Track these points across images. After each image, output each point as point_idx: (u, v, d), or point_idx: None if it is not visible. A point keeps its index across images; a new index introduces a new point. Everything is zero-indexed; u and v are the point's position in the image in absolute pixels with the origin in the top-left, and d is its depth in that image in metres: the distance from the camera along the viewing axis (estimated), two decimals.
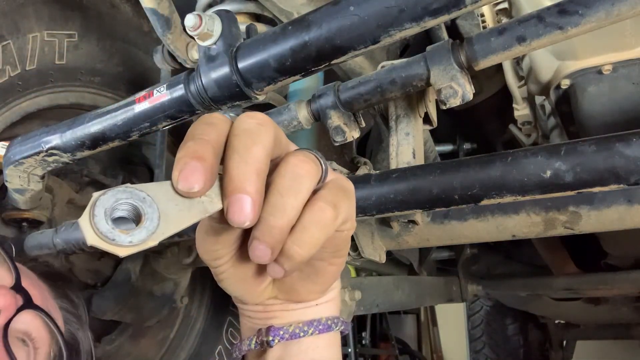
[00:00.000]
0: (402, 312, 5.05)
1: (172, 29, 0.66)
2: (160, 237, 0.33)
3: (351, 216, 0.44)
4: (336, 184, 0.43)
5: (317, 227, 0.39)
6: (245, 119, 0.39)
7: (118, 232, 0.32)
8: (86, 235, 0.31)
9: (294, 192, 0.38)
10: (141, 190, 0.34)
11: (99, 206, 0.32)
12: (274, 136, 0.39)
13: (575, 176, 0.54)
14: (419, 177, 0.62)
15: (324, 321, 0.50)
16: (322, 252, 0.45)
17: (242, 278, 0.48)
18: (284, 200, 0.38)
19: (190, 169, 0.35)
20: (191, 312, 1.62)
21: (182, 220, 0.35)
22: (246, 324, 0.54)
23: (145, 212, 0.33)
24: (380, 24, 0.53)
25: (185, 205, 0.35)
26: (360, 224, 0.83)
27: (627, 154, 0.52)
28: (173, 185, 0.35)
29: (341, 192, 0.42)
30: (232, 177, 0.36)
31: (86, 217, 0.32)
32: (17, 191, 0.97)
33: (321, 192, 0.41)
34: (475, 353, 3.42)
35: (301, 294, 0.50)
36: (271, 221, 0.38)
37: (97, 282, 1.42)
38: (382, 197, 0.63)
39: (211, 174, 0.36)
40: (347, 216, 0.42)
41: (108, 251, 0.31)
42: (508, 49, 0.67)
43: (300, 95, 1.12)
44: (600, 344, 3.89)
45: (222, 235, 0.43)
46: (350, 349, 3.71)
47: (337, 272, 0.49)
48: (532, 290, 2.26)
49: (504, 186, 0.57)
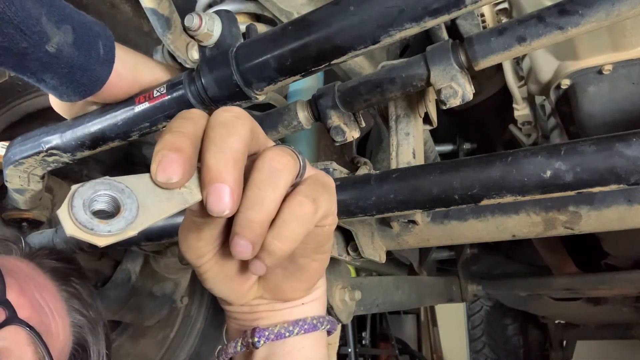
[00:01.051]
0: (402, 312, 5.05)
1: (172, 29, 0.66)
2: (139, 227, 0.33)
3: (332, 211, 0.44)
4: (315, 179, 0.43)
5: (296, 221, 0.39)
6: (222, 112, 0.40)
7: (97, 222, 0.32)
8: (65, 225, 0.32)
9: (271, 186, 0.39)
10: (120, 182, 0.34)
11: (77, 197, 0.32)
12: (250, 129, 0.40)
13: (575, 176, 0.54)
14: (419, 177, 0.62)
15: (310, 320, 0.50)
16: (304, 248, 0.45)
17: (226, 277, 0.47)
18: (262, 194, 0.38)
19: (169, 160, 0.35)
20: (191, 312, 1.62)
21: (162, 211, 0.35)
22: (233, 326, 0.54)
23: (124, 203, 0.34)
24: (380, 24, 0.53)
25: (164, 197, 0.36)
26: (360, 224, 0.83)
27: (627, 154, 0.52)
28: (152, 177, 0.35)
29: (320, 187, 0.42)
30: (209, 167, 0.37)
31: (65, 207, 0.32)
32: (17, 191, 0.97)
33: (300, 187, 0.41)
34: (475, 353, 3.42)
35: (287, 292, 0.50)
36: (250, 215, 0.38)
37: (97, 282, 1.42)
38: (382, 197, 0.63)
39: (189, 165, 0.36)
40: (327, 211, 0.42)
41: (87, 241, 0.32)
42: (508, 49, 0.67)
43: (300, 95, 1.12)
44: (600, 344, 3.89)
45: (204, 231, 0.43)
46: (350, 349, 3.71)
47: (321, 269, 0.49)
48: (532, 290, 2.26)
49: (504, 186, 0.57)
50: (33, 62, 0.57)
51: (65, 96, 0.64)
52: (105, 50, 0.62)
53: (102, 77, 0.63)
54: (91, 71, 0.61)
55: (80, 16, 0.60)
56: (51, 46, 0.56)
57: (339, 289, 0.92)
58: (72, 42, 0.58)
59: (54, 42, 0.56)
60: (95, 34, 0.60)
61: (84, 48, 0.59)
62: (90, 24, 0.61)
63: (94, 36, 0.60)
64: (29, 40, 0.54)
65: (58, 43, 0.56)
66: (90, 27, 0.60)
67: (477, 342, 3.41)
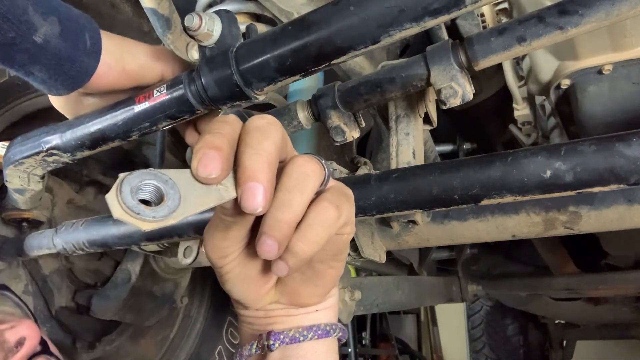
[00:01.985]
0: (402, 312, 5.05)
1: (172, 29, 0.66)
2: (180, 217, 0.36)
3: (351, 220, 0.46)
4: (338, 188, 0.46)
5: (321, 225, 0.42)
6: (257, 119, 0.43)
7: (143, 207, 0.34)
8: (113, 209, 0.34)
9: (300, 190, 0.41)
10: (164, 174, 0.37)
11: (125, 184, 0.35)
12: (282, 135, 0.43)
13: (575, 176, 0.54)
14: (419, 177, 0.62)
15: (323, 327, 0.52)
16: (323, 254, 0.47)
17: (247, 279, 0.49)
18: (291, 197, 0.41)
19: (209, 157, 0.38)
20: (191, 312, 1.62)
21: (200, 204, 0.38)
22: (247, 330, 0.55)
23: (167, 192, 0.36)
24: (380, 24, 0.53)
25: (203, 191, 0.39)
26: (360, 224, 0.83)
27: (627, 154, 0.52)
28: (192, 172, 0.38)
29: (343, 196, 0.45)
30: (245, 167, 0.39)
31: (113, 192, 0.34)
32: (17, 191, 0.97)
33: (324, 194, 0.44)
34: (475, 353, 3.42)
35: (303, 297, 0.52)
36: (279, 215, 0.40)
37: (97, 282, 1.42)
38: (382, 197, 0.63)
39: (227, 163, 0.39)
40: (347, 219, 0.45)
41: (132, 224, 0.34)
42: (508, 49, 0.67)
43: (300, 95, 1.12)
44: (600, 344, 3.90)
45: (232, 230, 0.45)
46: (350, 349, 3.71)
47: (337, 276, 0.51)
48: (532, 290, 2.26)
49: (504, 186, 0.57)
50: (21, 54, 0.57)
51: (54, 89, 0.65)
52: (91, 42, 0.62)
53: (90, 69, 0.64)
54: (79, 62, 0.62)
55: (66, 9, 0.61)
56: (38, 36, 0.57)
57: (339, 289, 0.92)
58: (59, 33, 0.59)
59: (41, 32, 0.57)
60: (82, 27, 0.62)
61: (70, 40, 0.60)
62: (76, 17, 0.62)
63: (81, 28, 0.61)
64: (16, 30, 0.55)
65: (45, 34, 0.57)
66: (76, 20, 0.61)
67: (477, 342, 3.41)
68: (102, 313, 1.33)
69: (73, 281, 1.37)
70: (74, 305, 1.35)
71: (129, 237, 0.84)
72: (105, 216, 0.90)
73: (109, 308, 1.33)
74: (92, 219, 0.91)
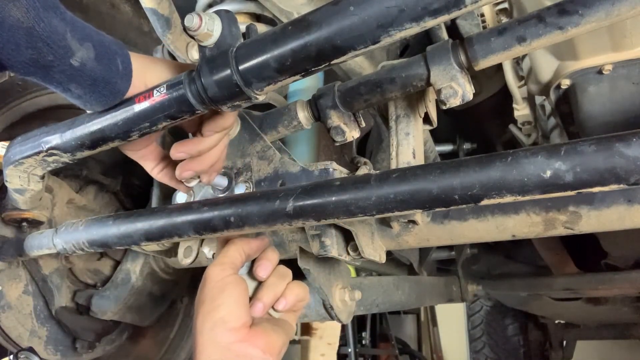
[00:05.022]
0: (402, 312, 5.05)
1: (172, 29, 0.66)
2: None
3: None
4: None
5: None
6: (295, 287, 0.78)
7: None
8: None
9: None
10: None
11: None
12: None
13: (575, 176, 0.54)
14: (419, 177, 0.62)
15: None
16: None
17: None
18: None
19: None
20: (191, 312, 1.62)
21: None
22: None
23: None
24: (380, 24, 0.53)
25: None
26: (360, 224, 0.83)
27: (627, 154, 0.51)
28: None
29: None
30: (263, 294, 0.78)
31: None
32: (17, 191, 0.97)
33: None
34: (475, 353, 3.42)
35: None
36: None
37: (97, 282, 1.42)
38: (382, 197, 0.63)
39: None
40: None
41: None
42: (508, 49, 0.67)
43: (300, 95, 1.12)
44: (600, 344, 3.90)
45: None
46: (350, 349, 3.71)
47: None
48: (532, 290, 2.26)
49: (504, 186, 0.57)
50: (59, 74, 0.63)
51: (88, 105, 0.70)
52: (123, 66, 0.69)
53: (123, 89, 0.70)
54: (112, 84, 0.68)
55: (99, 36, 0.67)
56: (75, 60, 0.62)
57: (339, 289, 0.92)
58: (94, 57, 0.64)
59: (78, 56, 0.63)
60: (114, 52, 0.68)
61: (104, 63, 0.66)
62: (108, 43, 0.68)
63: (112, 53, 0.68)
64: (54, 54, 0.60)
65: (81, 57, 0.63)
66: (108, 46, 0.67)
67: (477, 342, 3.41)
68: (102, 313, 1.33)
69: (73, 281, 1.37)
70: (74, 305, 1.35)
71: (129, 237, 0.84)
72: (105, 216, 0.90)
73: (109, 308, 1.33)
74: (92, 219, 0.91)
